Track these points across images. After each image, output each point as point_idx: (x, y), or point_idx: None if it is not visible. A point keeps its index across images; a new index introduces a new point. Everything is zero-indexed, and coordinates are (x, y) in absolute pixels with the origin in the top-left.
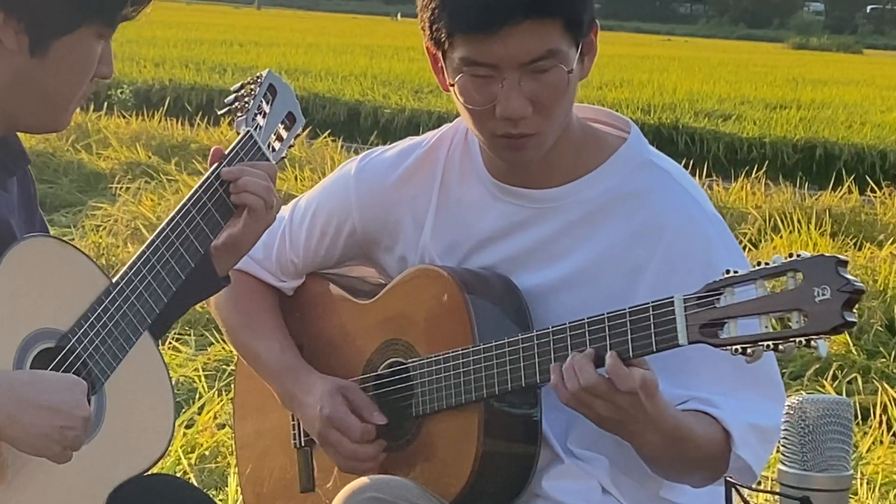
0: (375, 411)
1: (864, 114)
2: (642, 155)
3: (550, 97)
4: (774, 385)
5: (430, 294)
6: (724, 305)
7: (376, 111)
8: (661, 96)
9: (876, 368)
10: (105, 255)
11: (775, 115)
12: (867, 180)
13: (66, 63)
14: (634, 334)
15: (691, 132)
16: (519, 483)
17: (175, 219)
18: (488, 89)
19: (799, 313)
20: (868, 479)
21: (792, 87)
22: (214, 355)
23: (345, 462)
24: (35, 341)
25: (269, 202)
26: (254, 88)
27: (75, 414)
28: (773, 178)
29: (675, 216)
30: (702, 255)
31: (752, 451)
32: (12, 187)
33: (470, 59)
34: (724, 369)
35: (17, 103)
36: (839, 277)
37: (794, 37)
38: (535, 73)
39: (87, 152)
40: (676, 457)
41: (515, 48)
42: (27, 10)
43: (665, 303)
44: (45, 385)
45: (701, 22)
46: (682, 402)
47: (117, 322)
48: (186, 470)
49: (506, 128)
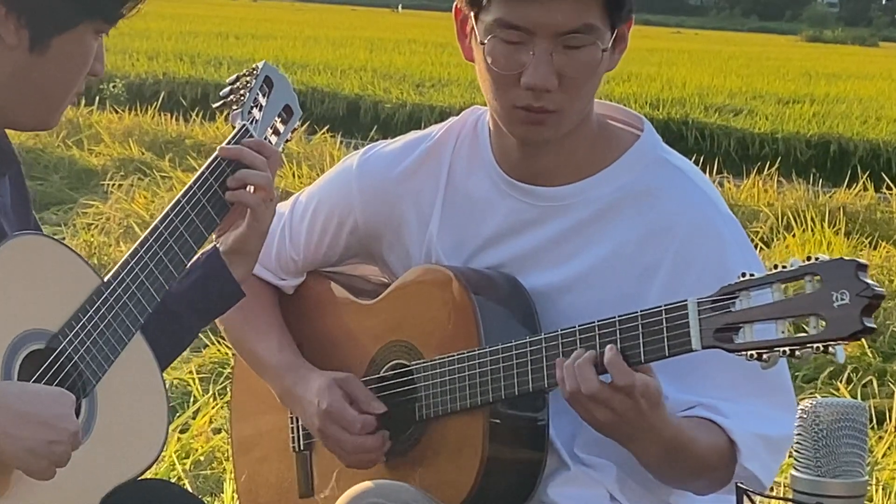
0: (374, 400)
1: (879, 108)
2: (656, 152)
3: (579, 74)
4: (786, 392)
5: (435, 295)
6: (739, 310)
7: (377, 106)
8: (671, 90)
9: (892, 371)
10: (97, 254)
11: (788, 109)
12: (883, 177)
13: (65, 60)
14: (646, 339)
15: (701, 127)
16: (525, 490)
17: (169, 215)
18: (518, 56)
19: (817, 318)
20: (884, 485)
21: (805, 81)
22: (210, 358)
23: (347, 456)
24: (24, 343)
25: (268, 196)
26: (250, 81)
27: (63, 427)
28: (786, 174)
29: (689, 215)
30: (716, 255)
31: (759, 462)
32: (4, 189)
33: (505, 20)
34: (734, 375)
35: (12, 99)
36: (859, 282)
37: (808, 29)
38: (568, 47)
39: (79, 148)
40: (677, 466)
41: (553, 15)
42: (29, 6)
43: (678, 306)
44: (34, 398)
45: (711, 14)
46: (688, 407)
47: (109, 323)
48: (181, 476)
49: (527, 99)
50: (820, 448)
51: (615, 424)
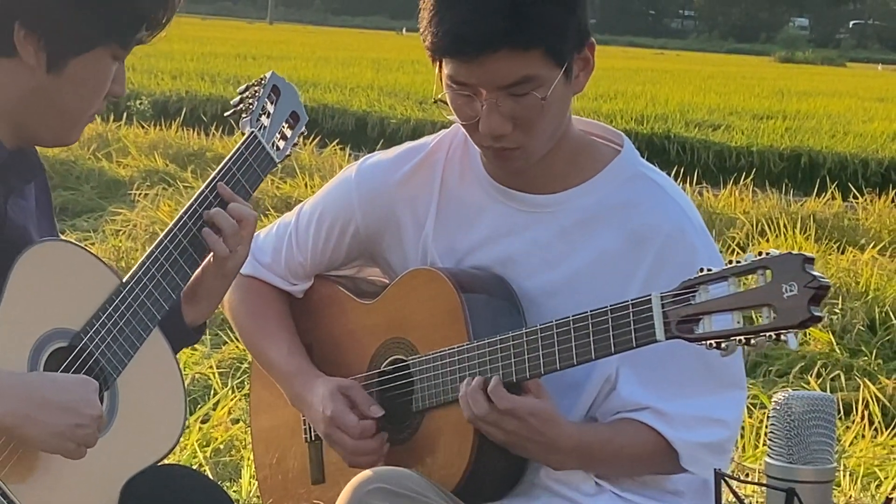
0: (373, 405)
1: (846, 124)
2: (635, 167)
3: (531, 115)
4: (737, 388)
5: (428, 294)
6: (698, 302)
7: (383, 121)
8: (654, 107)
9: (858, 366)
10: (125, 258)
11: (762, 125)
12: (850, 187)
13: (81, 81)
14: (615, 331)
15: (682, 141)
16: (516, 473)
17: (183, 218)
18: (472, 106)
19: (769, 308)
20: (851, 472)
21: (778, 99)
22: (228, 353)
23: (350, 457)
24: (49, 341)
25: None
26: (258, 90)
27: (87, 412)
28: (760, 185)
29: (665, 227)
30: (687, 262)
31: (700, 464)
32: (30, 195)
33: (454, 78)
34: (690, 373)
35: (33, 117)
36: (806, 274)
37: (781, 51)
38: (514, 94)
39: (108, 160)
40: (610, 468)
41: (492, 74)
42: (47, 29)
43: (643, 300)
44: (58, 385)
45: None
46: (636, 409)
47: (128, 320)
48: (202, 463)
49: (489, 141)
50: (792, 437)
51: (515, 443)
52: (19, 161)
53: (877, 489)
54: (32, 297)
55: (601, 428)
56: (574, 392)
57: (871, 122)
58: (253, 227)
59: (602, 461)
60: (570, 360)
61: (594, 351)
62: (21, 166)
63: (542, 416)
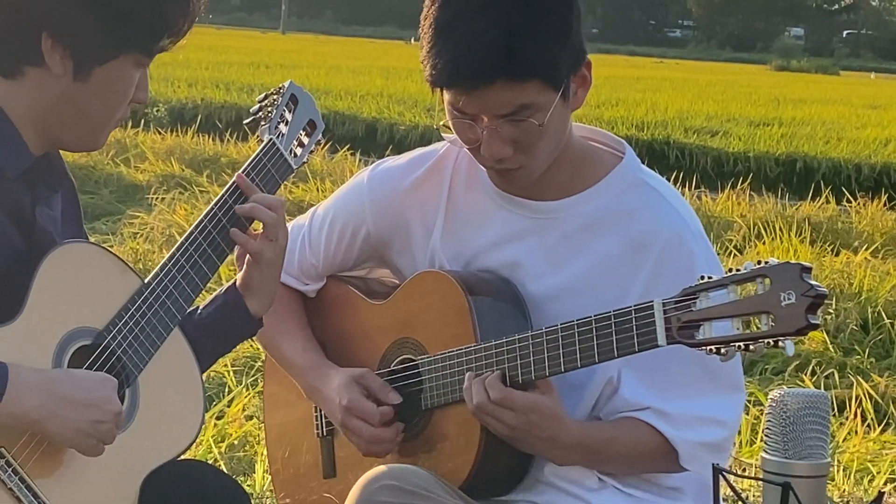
0: (390, 391)
1: (840, 130)
2: (636, 175)
3: (530, 139)
4: (736, 390)
5: (436, 296)
6: (699, 308)
7: (392, 128)
8: (654, 114)
9: (851, 364)
10: (142, 260)
11: (759, 131)
12: (843, 191)
13: (106, 88)
14: (619, 335)
15: (681, 147)
16: (521, 469)
17: (202, 222)
18: (473, 132)
19: (767, 316)
20: (844, 467)
21: (774, 106)
22: (242, 352)
23: (366, 446)
24: (72, 339)
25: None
26: (277, 98)
27: (108, 409)
28: (757, 189)
29: (665, 233)
30: (686, 268)
31: (699, 462)
32: (56, 205)
33: (454, 105)
34: (691, 374)
35: (60, 123)
36: (804, 283)
37: (777, 59)
38: (512, 121)
39: (126, 165)
40: (610, 465)
41: (490, 104)
42: (73, 38)
43: (646, 306)
44: (80, 383)
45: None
46: (638, 408)
47: (149, 320)
48: (217, 458)
49: (490, 163)
50: (788, 433)
51: (519, 438)
52: (46, 168)
53: (869, 483)
54: (57, 296)
55: (603, 426)
56: (577, 393)
57: (864, 128)
58: (283, 211)
59: (603, 458)
60: (574, 362)
61: (597, 354)
62: (47, 174)
63: (543, 412)
